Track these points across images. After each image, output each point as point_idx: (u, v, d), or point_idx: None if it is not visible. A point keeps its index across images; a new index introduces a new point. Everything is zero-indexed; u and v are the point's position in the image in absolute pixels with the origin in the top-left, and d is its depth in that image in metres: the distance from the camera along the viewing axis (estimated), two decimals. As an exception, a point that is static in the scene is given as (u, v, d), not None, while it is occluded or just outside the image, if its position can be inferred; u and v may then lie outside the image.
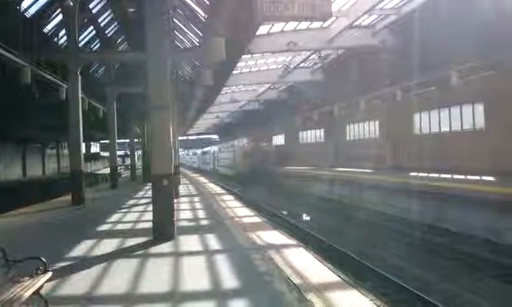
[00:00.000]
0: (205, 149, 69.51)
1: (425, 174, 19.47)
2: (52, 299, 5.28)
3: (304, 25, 23.14)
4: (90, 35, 23.40)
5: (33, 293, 4.64)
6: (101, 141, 68.65)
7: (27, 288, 4.53)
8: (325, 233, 15.06)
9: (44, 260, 5.05)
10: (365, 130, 30.98)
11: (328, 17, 10.32)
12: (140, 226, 11.60)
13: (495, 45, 16.25)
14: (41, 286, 4.85)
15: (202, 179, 35.31)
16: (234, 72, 27.91)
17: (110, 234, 10.55)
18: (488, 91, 18.47)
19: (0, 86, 17.89)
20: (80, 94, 17.34)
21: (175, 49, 21.78)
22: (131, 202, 17.80)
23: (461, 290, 9.35)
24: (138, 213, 14.15)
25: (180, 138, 44.33)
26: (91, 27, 22.50)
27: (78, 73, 16.96)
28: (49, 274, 5.04)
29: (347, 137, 33.47)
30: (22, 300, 4.36)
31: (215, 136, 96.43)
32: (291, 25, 23.06)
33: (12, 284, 4.63)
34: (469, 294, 9.14)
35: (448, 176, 18.42)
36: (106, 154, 56.61)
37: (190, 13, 20.29)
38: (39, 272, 4.96)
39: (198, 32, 21.15)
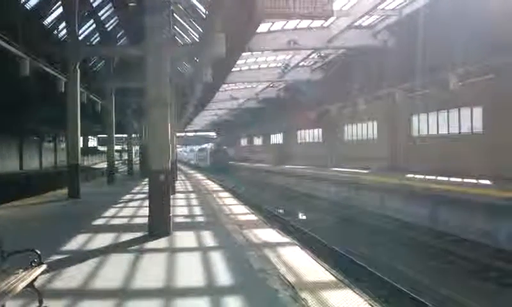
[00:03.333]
0: (192, 147, 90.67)
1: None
2: (46, 291, 5.26)
3: (305, 23, 23.09)
4: (90, 29, 23.34)
5: (27, 286, 4.61)
6: (99, 135, 68.57)
7: (21, 280, 4.51)
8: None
9: (39, 253, 5.03)
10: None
11: (329, 16, 10.36)
12: (136, 221, 11.57)
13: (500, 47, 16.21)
14: (36, 279, 4.82)
15: (198, 176, 35.35)
16: (233, 69, 27.85)
17: (106, 228, 10.55)
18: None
19: (-2, 77, 17.84)
20: (79, 88, 17.28)
21: (174, 45, 21.71)
22: (127, 197, 17.77)
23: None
24: (134, 208, 14.13)
25: (178, 134, 45.09)
26: (91, 21, 22.42)
27: (77, 67, 16.89)
28: (43, 267, 5.02)
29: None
30: (16, 292, 4.34)
31: (212, 133, 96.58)
32: (292, 23, 23.02)
33: (6, 276, 4.61)
34: None
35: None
36: (104, 148, 56.58)
37: (190, 9, 20.22)
38: (33, 264, 4.93)
39: (198, 28, 21.08)
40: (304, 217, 20.66)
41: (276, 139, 53.56)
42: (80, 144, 18.09)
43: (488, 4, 17.18)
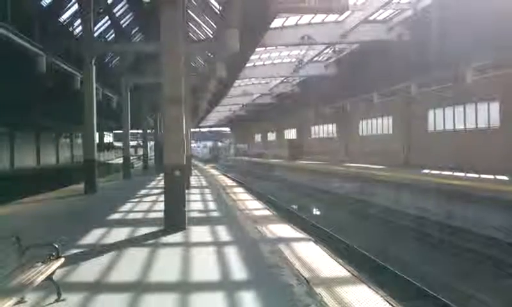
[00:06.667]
0: (199, 144, 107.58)
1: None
2: (63, 284, 5.33)
3: (318, 18, 22.92)
4: (105, 25, 23.50)
5: (45, 279, 4.70)
6: (114, 131, 69.30)
7: (39, 274, 4.59)
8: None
9: (57, 246, 5.12)
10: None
11: (345, 10, 10.23)
12: (152, 215, 11.67)
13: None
14: (54, 272, 4.91)
15: (213, 171, 35.46)
16: (247, 65, 27.86)
17: (122, 223, 10.65)
18: None
19: (16, 74, 18.09)
20: (94, 84, 17.42)
21: (189, 41, 21.77)
22: (143, 192, 17.91)
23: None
24: (150, 203, 14.23)
25: (192, 130, 45.38)
26: (107, 17, 22.57)
27: (92, 63, 17.04)
28: (61, 260, 5.10)
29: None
30: (35, 285, 4.42)
31: (227, 129, 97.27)
32: (306, 18, 22.87)
33: (25, 270, 4.70)
34: None
35: None
36: (119, 144, 57.19)
37: (204, 5, 20.24)
38: (52, 258, 5.02)
39: (212, 24, 21.10)
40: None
41: (291, 134, 53.58)
42: (96, 140, 18.26)
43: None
